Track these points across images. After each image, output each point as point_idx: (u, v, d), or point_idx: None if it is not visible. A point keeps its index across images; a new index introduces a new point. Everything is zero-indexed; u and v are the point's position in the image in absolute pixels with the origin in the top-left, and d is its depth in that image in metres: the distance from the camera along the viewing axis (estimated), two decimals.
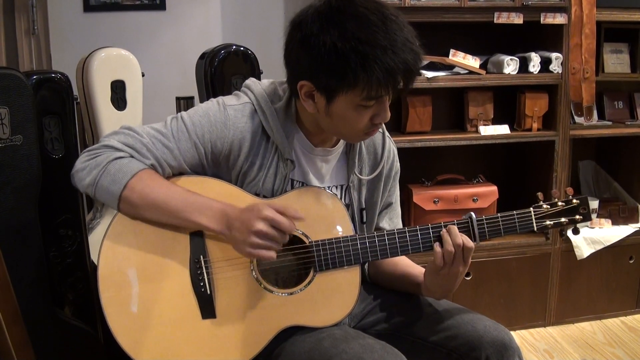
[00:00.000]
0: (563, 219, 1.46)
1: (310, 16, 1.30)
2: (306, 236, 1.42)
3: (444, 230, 1.41)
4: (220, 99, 1.47)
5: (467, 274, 2.84)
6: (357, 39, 1.24)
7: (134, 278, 1.37)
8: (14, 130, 1.65)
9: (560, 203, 1.46)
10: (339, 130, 1.40)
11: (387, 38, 1.25)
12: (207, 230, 1.37)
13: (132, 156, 1.37)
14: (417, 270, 1.53)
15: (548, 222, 1.46)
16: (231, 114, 1.42)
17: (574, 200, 1.47)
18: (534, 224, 1.45)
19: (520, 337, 2.89)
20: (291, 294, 1.41)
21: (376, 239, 1.43)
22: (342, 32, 1.25)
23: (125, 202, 1.36)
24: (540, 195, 1.48)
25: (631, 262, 3.02)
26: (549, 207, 1.45)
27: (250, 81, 1.51)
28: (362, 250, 1.42)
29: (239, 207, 1.35)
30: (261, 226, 1.29)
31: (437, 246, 1.40)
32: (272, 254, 1.30)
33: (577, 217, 1.47)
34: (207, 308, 1.38)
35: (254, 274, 1.40)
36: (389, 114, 1.36)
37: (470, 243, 1.39)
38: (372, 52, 1.24)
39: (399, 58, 1.25)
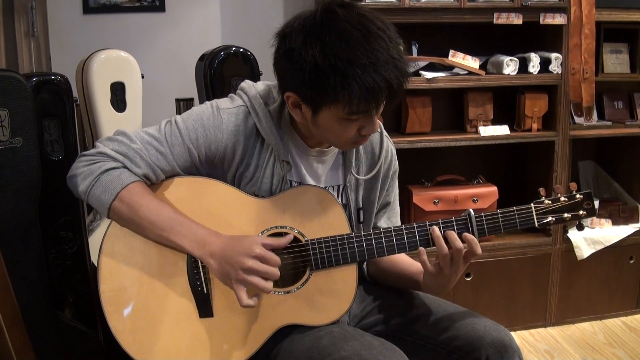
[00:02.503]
0: (566, 215, 1.43)
1: (295, 29, 1.29)
2: (302, 235, 1.43)
3: (437, 235, 1.39)
4: (214, 102, 1.47)
5: (468, 275, 2.84)
6: (337, 55, 1.23)
7: (134, 278, 1.38)
8: (14, 132, 1.65)
9: (562, 198, 1.43)
10: (327, 139, 1.41)
11: (369, 56, 1.23)
12: (188, 253, 1.37)
13: (125, 166, 1.38)
14: (416, 267, 1.53)
15: (550, 218, 1.43)
16: (225, 117, 1.42)
17: (578, 195, 1.44)
18: (535, 220, 1.43)
19: (521, 337, 2.89)
20: (287, 292, 1.42)
21: (372, 237, 1.43)
22: (322, 48, 1.23)
23: (115, 212, 1.37)
24: (542, 190, 1.45)
25: (631, 262, 3.02)
26: (550, 202, 1.43)
27: (245, 84, 1.51)
28: (359, 249, 1.42)
29: (225, 237, 1.36)
30: (252, 263, 1.30)
31: (421, 254, 1.40)
32: (252, 302, 1.32)
33: (581, 212, 1.44)
34: (205, 307, 1.39)
35: None
36: (376, 126, 1.36)
37: (477, 249, 1.37)
38: (352, 70, 1.22)
39: (380, 77, 1.23)
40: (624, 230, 2.97)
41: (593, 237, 2.92)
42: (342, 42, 1.23)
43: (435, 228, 1.40)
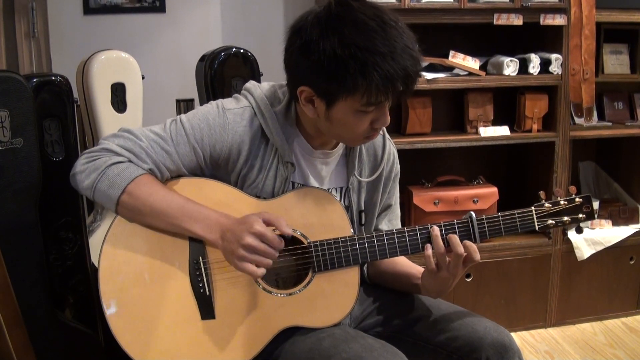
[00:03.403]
0: (566, 218, 1.44)
1: (310, 22, 1.30)
2: (305, 237, 1.43)
3: (436, 234, 1.39)
4: (219, 102, 1.47)
5: (468, 275, 2.84)
6: (356, 45, 1.24)
7: (135, 279, 1.38)
8: (14, 133, 1.65)
9: (562, 202, 1.44)
10: (338, 135, 1.41)
11: (386, 44, 1.25)
12: (202, 239, 1.38)
13: (130, 161, 1.37)
14: (415, 270, 1.53)
15: (550, 221, 1.44)
16: (230, 118, 1.42)
17: (577, 199, 1.44)
18: (535, 223, 1.43)
19: (521, 338, 2.89)
20: (290, 294, 1.42)
21: (375, 239, 1.43)
22: (341, 39, 1.25)
23: (123, 206, 1.37)
24: (542, 194, 1.46)
25: (632, 262, 3.02)
26: (550, 205, 1.44)
27: (250, 84, 1.51)
28: (361, 251, 1.42)
29: (234, 219, 1.36)
30: (250, 240, 1.29)
31: (427, 249, 1.40)
32: (258, 271, 1.30)
33: (581, 215, 1.44)
34: (207, 309, 1.39)
35: None
36: (388, 119, 1.36)
37: (476, 255, 1.37)
38: (371, 58, 1.24)
39: (398, 64, 1.25)
40: (624, 231, 2.97)
41: (593, 237, 2.92)
42: (360, 33, 1.25)
43: (436, 228, 1.40)
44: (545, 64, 2.79)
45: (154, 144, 1.39)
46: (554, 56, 2.77)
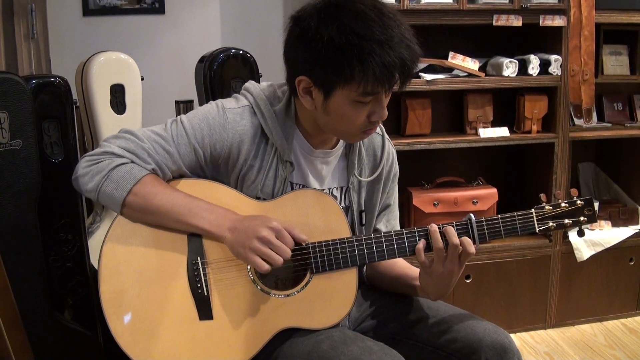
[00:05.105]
0: (566, 221, 1.43)
1: (308, 12, 1.32)
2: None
3: (435, 229, 1.40)
4: (219, 102, 1.47)
5: (467, 277, 2.83)
6: (355, 33, 1.25)
7: (134, 280, 1.38)
8: (14, 134, 1.65)
9: (563, 204, 1.44)
10: (336, 128, 1.40)
11: (384, 33, 1.26)
12: (208, 234, 1.38)
13: (133, 162, 1.38)
14: (413, 272, 1.53)
15: (551, 224, 1.43)
16: (230, 117, 1.43)
17: (579, 202, 1.44)
18: (536, 226, 1.43)
19: (521, 339, 2.89)
20: (288, 295, 1.42)
21: (373, 240, 1.43)
22: (339, 27, 1.26)
23: (129, 207, 1.37)
24: (542, 196, 1.45)
25: (631, 263, 3.02)
26: (551, 208, 1.43)
27: (249, 84, 1.51)
28: (359, 252, 1.42)
29: (243, 215, 1.38)
30: (267, 233, 1.32)
31: (419, 242, 1.41)
32: (264, 265, 1.32)
33: (582, 218, 1.44)
34: (204, 310, 1.39)
35: (250, 275, 1.40)
36: (386, 112, 1.36)
37: (471, 248, 1.37)
38: (369, 46, 1.25)
39: (395, 53, 1.26)
40: (624, 232, 2.97)
41: (593, 239, 2.91)
42: (358, 21, 1.26)
43: (434, 225, 1.40)
44: (544, 65, 2.79)
45: (155, 144, 1.40)
46: (553, 57, 2.77)
